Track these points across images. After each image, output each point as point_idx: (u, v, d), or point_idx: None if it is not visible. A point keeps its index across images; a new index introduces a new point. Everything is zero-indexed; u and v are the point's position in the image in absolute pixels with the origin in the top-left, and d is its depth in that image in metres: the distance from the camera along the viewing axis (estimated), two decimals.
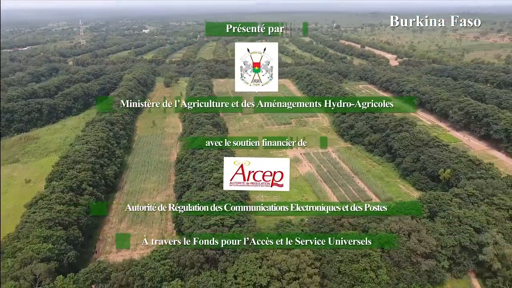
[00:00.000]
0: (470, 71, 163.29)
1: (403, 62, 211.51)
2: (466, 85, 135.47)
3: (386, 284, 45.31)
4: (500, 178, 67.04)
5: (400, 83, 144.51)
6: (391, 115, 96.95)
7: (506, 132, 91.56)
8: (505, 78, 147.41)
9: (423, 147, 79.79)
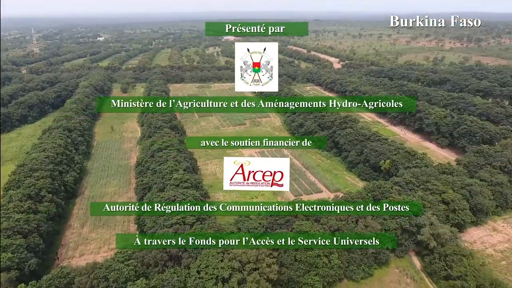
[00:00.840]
0: (404, 71, 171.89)
1: (345, 65, 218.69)
2: (401, 84, 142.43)
3: (338, 267, 46.74)
4: (432, 166, 71.21)
5: (343, 84, 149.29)
6: (336, 114, 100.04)
7: (436, 125, 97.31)
8: (434, 78, 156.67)
9: (365, 142, 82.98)
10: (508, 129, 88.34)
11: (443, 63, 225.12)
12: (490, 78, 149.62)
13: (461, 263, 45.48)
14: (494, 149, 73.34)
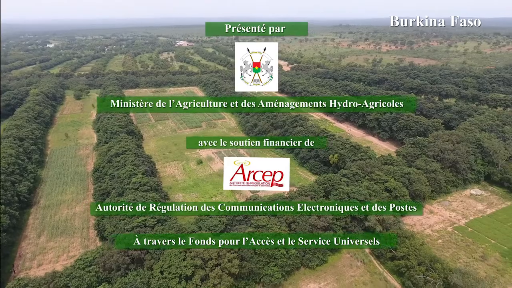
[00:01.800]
0: (347, 72, 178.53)
1: (293, 67, 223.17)
2: (345, 84, 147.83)
3: (295, 257, 47.65)
4: (375, 158, 74.61)
5: (293, 85, 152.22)
6: (287, 113, 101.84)
7: (377, 121, 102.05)
8: (373, 78, 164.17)
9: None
10: (439, 122, 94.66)
11: (381, 64, 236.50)
12: (422, 77, 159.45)
13: (403, 244, 48.08)
14: (428, 140, 78.24)
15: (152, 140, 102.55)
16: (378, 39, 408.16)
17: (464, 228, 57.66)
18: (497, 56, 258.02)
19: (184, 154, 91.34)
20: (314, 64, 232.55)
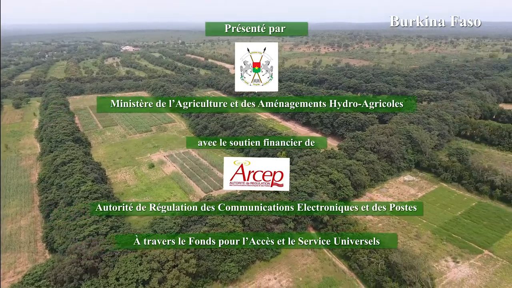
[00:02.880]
0: (290, 74, 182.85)
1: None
2: (289, 85, 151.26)
3: (250, 251, 47.95)
4: (320, 153, 77.23)
5: None
6: (236, 114, 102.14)
7: (319, 118, 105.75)
8: (314, 78, 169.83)
9: (263, 137, 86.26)
10: (374, 117, 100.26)
11: (321, 65, 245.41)
12: (357, 76, 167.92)
13: (349, 230, 50.36)
14: (365, 134, 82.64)
15: (101, 146, 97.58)
16: (317, 42, 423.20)
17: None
18: (420, 57, 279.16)
19: (135, 159, 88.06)
20: None
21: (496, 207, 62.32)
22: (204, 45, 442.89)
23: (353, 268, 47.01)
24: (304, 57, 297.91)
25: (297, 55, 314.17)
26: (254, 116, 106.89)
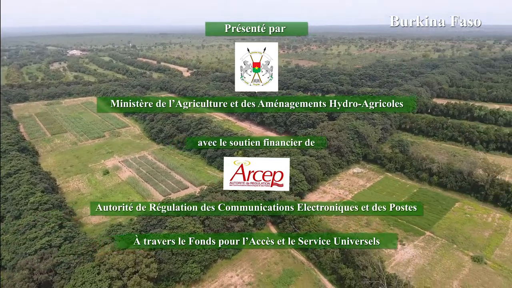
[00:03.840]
0: None
1: (193, 73, 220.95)
2: None
3: (212, 251, 47.51)
4: (275, 150, 78.42)
5: (194, 89, 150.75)
6: (191, 116, 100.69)
7: (273, 117, 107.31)
8: None
9: (220, 138, 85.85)
10: (324, 114, 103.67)
11: None
12: (307, 76, 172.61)
13: (305, 222, 51.67)
14: (316, 131, 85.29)
15: (50, 155, 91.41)
16: None
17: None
18: (363, 57, 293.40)
19: (88, 166, 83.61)
20: (212, 69, 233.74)
21: (435, 192, 67.29)
22: (156, 48, 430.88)
23: (310, 258, 48.33)
24: None
25: None
26: (209, 118, 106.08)
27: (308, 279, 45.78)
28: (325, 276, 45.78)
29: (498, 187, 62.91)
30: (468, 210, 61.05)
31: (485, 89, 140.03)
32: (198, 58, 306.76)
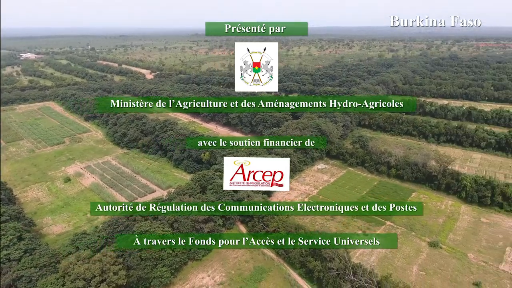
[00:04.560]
0: (207, 77, 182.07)
1: (156, 75, 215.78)
2: (207, 88, 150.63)
3: (182, 253, 46.69)
4: (242, 150, 78.41)
5: (158, 92, 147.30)
6: (156, 119, 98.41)
7: (239, 118, 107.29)
8: (231, 80, 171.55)
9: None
10: (288, 114, 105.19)
11: None
12: None
13: (273, 219, 52.17)
14: (281, 130, 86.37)
15: (5, 164, 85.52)
16: (231, 46, 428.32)
17: (316, 197, 66.02)
18: (323, 57, 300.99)
19: (48, 174, 79.22)
20: (176, 71, 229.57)
21: (393, 184, 70.49)
22: (117, 50, 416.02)
23: (280, 254, 48.92)
24: (219, 60, 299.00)
25: (213, 59, 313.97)
26: (175, 120, 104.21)
27: (278, 274, 46.30)
28: (295, 270, 46.55)
29: (449, 176, 67.03)
30: (424, 199, 64.57)
31: (435, 86, 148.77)
32: (161, 60, 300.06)
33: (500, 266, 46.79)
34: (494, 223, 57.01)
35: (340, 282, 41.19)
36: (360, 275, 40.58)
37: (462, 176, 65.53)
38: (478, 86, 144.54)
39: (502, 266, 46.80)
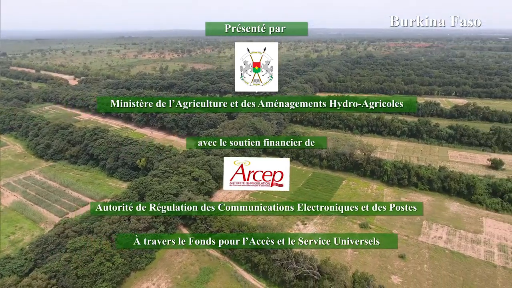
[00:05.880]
0: (138, 81, 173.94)
1: (82, 81, 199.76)
2: (138, 92, 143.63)
3: (123, 265, 44.14)
4: (179, 154, 76.64)
5: (84, 98, 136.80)
6: (84, 128, 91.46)
7: (174, 121, 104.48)
8: (163, 83, 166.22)
9: (119, 147, 79.99)
10: (224, 115, 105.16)
11: (168, 71, 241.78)
12: (204, 79, 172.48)
13: (216, 219, 51.84)
14: (218, 130, 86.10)
15: None
16: (161, 49, 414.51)
17: (256, 193, 67.14)
18: None
19: None
20: (103, 76, 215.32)
21: (326, 174, 74.67)
22: (33, 55, 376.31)
23: (225, 252, 48.83)
24: (150, 63, 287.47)
25: (143, 62, 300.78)
26: (105, 127, 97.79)
27: (225, 272, 46.19)
28: (241, 266, 46.85)
29: (373, 163, 73.09)
30: (353, 186, 69.52)
31: (356, 82, 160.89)
32: (86, 65, 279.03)
33: (419, 238, 52.42)
34: (412, 201, 63.49)
35: (284, 271, 42.49)
36: (302, 262, 42.31)
37: (383, 162, 71.90)
38: (391, 81, 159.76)
39: (420, 238, 52.47)
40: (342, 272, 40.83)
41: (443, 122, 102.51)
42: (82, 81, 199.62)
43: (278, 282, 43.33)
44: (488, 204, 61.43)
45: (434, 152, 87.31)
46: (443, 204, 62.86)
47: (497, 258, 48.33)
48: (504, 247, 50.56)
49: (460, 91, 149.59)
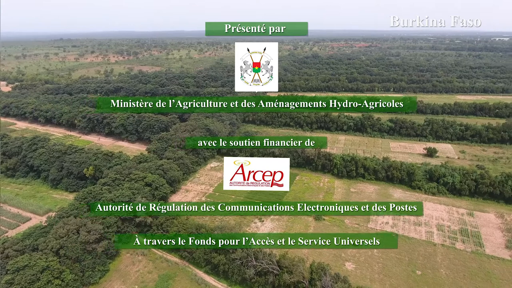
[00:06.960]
0: (81, 86, 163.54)
1: (16, 87, 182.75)
2: (82, 97, 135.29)
3: (74, 281, 41.33)
4: (130, 160, 73.46)
5: (20, 106, 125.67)
6: (21, 137, 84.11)
7: (123, 126, 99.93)
8: (109, 87, 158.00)
9: (63, 156, 74.65)
10: (175, 117, 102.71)
11: (113, 74, 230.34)
12: (152, 81, 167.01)
13: (173, 224, 50.53)
14: (170, 134, 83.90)
15: None
16: (105, 51, 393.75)
17: (213, 194, 66.58)
18: (204, 60, 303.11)
19: None
20: (41, 81, 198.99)
21: None
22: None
23: (183, 256, 47.78)
24: (93, 67, 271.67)
25: (85, 65, 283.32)
26: (45, 136, 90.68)
27: (185, 277, 45.18)
28: (200, 269, 46.16)
29: (323, 158, 75.98)
30: (306, 180, 71.70)
31: (304, 81, 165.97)
32: (20, 69, 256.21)
33: (369, 225, 55.55)
34: (360, 191, 67.20)
35: (244, 269, 42.59)
36: (261, 258, 42.72)
37: (333, 156, 75.06)
38: (336, 79, 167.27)
39: (370, 225, 55.64)
40: (300, 264, 41.89)
41: (384, 116, 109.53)
42: (16, 87, 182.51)
43: (239, 281, 43.32)
44: (426, 188, 66.87)
45: (377, 144, 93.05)
46: (388, 191, 67.23)
47: (436, 237, 52.80)
48: (442, 226, 55.41)
49: (398, 87, 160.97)
